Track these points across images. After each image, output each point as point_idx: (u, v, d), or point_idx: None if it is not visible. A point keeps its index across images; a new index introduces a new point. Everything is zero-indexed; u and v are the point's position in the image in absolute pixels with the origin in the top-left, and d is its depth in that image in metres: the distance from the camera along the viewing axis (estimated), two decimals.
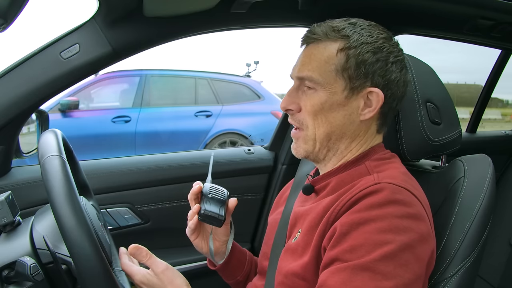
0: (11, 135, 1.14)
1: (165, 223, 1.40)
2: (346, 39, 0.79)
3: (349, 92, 0.79)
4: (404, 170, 0.81)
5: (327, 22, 0.82)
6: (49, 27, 4.32)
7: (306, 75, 0.80)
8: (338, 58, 0.79)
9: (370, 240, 0.67)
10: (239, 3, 1.12)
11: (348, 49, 0.78)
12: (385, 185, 0.72)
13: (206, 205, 0.88)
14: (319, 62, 0.79)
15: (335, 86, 0.79)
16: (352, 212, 0.71)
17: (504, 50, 1.96)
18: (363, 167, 0.81)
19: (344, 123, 0.80)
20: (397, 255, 0.66)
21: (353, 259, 0.66)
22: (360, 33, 0.79)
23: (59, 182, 0.67)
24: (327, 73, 0.79)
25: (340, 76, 0.79)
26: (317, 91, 0.80)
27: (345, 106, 0.79)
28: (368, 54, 0.78)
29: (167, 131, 4.86)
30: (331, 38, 0.80)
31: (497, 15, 1.31)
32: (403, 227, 0.68)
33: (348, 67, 0.78)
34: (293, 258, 0.79)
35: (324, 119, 0.80)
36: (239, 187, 1.48)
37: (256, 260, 1.06)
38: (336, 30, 0.80)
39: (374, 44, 0.79)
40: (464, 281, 0.78)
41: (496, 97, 7.48)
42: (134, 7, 1.06)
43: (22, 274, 0.71)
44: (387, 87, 0.79)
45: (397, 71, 0.80)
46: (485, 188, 0.82)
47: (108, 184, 1.34)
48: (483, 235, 0.80)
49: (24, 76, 1.08)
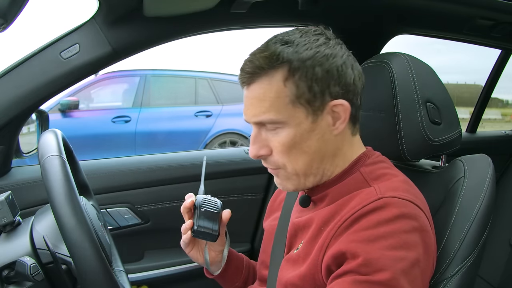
0: (11, 135, 1.14)
1: (165, 223, 1.40)
2: (287, 64, 0.71)
3: (313, 116, 0.73)
4: (403, 177, 0.79)
5: (256, 54, 0.73)
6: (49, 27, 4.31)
7: (264, 118, 0.73)
8: (288, 88, 0.71)
9: (385, 256, 0.65)
10: (239, 3, 1.12)
11: (293, 75, 0.71)
12: (389, 200, 0.70)
13: (199, 220, 0.86)
14: (270, 100, 0.72)
15: (297, 117, 0.73)
16: (359, 229, 0.68)
17: (504, 50, 1.97)
18: (358, 175, 0.78)
19: (320, 146, 0.75)
20: (409, 272, 0.66)
21: (369, 273, 0.64)
22: (298, 51, 0.72)
23: (59, 182, 0.67)
24: (284, 108, 0.72)
25: (298, 105, 0.72)
26: (282, 128, 0.73)
27: (315, 130, 0.74)
28: (315, 70, 0.71)
29: (167, 131, 4.86)
30: (270, 69, 0.72)
31: (497, 15, 1.31)
32: (413, 242, 0.68)
33: (301, 93, 0.72)
34: (293, 268, 0.78)
35: (300, 152, 0.75)
36: (239, 187, 1.48)
37: (253, 264, 1.06)
38: (272, 58, 0.71)
39: (316, 57, 0.72)
40: (464, 281, 0.78)
41: (496, 97, 7.48)
42: (134, 7, 1.06)
43: (22, 274, 0.71)
44: (347, 92, 0.74)
45: (349, 70, 0.75)
46: (485, 188, 0.82)
47: (108, 184, 1.34)
48: (483, 235, 0.80)
49: (24, 76, 1.08)
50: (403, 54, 0.91)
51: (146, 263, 1.40)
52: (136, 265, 1.39)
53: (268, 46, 0.74)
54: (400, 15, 1.38)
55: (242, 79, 0.75)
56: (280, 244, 0.88)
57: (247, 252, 1.51)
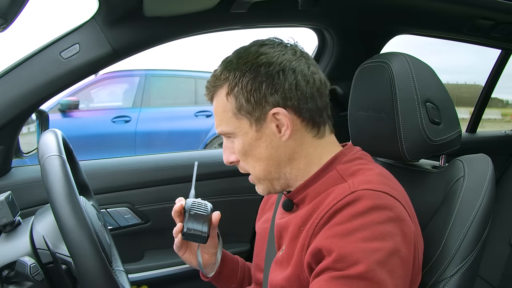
0: (11, 135, 1.14)
1: (165, 223, 1.39)
2: (227, 81, 0.78)
3: (256, 125, 0.78)
4: (379, 170, 0.79)
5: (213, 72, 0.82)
6: (49, 27, 4.31)
7: (220, 131, 0.82)
8: (230, 102, 0.78)
9: (359, 249, 0.65)
10: (239, 3, 1.12)
11: (232, 89, 0.77)
12: (362, 192, 0.70)
13: (188, 223, 0.87)
14: (219, 114, 0.80)
15: (242, 127, 0.79)
16: (334, 224, 0.69)
17: (504, 50, 1.96)
18: (335, 173, 0.79)
19: (271, 153, 0.79)
20: (386, 262, 0.65)
21: (345, 268, 0.65)
22: (237, 67, 0.77)
23: (59, 182, 0.67)
24: (230, 120, 0.79)
25: (241, 116, 0.78)
26: (235, 138, 0.80)
27: (262, 138, 0.78)
28: (248, 83, 0.76)
29: (167, 131, 4.86)
30: (218, 87, 0.80)
31: (497, 15, 1.31)
32: (388, 232, 0.67)
33: (240, 105, 0.77)
34: (280, 270, 0.79)
35: (254, 159, 0.80)
36: (239, 188, 1.47)
37: (249, 266, 1.06)
38: (218, 76, 0.79)
39: (250, 69, 0.76)
40: (464, 281, 0.78)
41: (496, 97, 7.47)
42: (134, 7, 1.06)
43: (22, 274, 0.71)
44: (286, 98, 0.76)
45: (289, 76, 0.76)
46: (485, 188, 0.82)
47: (108, 184, 1.34)
48: (483, 235, 0.80)
49: (24, 76, 1.08)
50: (403, 54, 0.90)
51: (146, 263, 1.40)
52: (136, 265, 1.39)
53: (220, 65, 0.81)
54: (400, 15, 1.38)
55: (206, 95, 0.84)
56: (272, 247, 0.88)
57: (247, 252, 1.51)
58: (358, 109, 0.97)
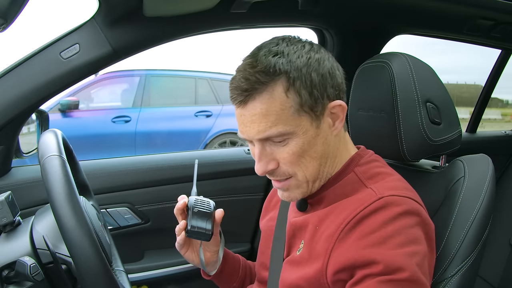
0: (11, 135, 1.14)
1: (165, 223, 1.40)
2: (285, 75, 0.71)
3: (316, 121, 0.74)
4: (398, 176, 0.80)
5: (247, 69, 0.72)
6: (49, 27, 4.31)
7: (272, 133, 0.72)
8: (291, 98, 0.71)
9: (399, 254, 0.66)
10: (239, 3, 1.12)
11: (293, 84, 0.71)
12: (390, 199, 0.71)
13: (192, 220, 0.86)
14: (275, 114, 0.71)
15: (303, 125, 0.73)
16: (366, 233, 0.68)
17: (504, 50, 1.97)
18: (353, 176, 0.79)
19: (325, 149, 0.77)
20: (421, 264, 0.68)
21: (391, 273, 0.65)
22: (291, 60, 0.72)
23: (59, 182, 0.67)
24: (289, 119, 0.72)
25: (303, 113, 0.73)
26: (291, 139, 0.73)
27: (320, 135, 0.75)
28: (312, 76, 0.72)
29: (167, 131, 4.86)
30: (270, 83, 0.71)
31: (497, 15, 1.31)
32: (419, 235, 0.70)
33: (304, 101, 0.72)
34: (297, 270, 0.78)
35: (309, 158, 0.75)
36: (239, 187, 1.48)
37: (250, 265, 1.06)
38: (269, 71, 0.70)
39: (310, 63, 0.73)
40: (464, 281, 0.78)
41: (496, 97, 7.47)
42: (134, 7, 1.06)
43: (22, 274, 0.71)
44: (340, 91, 0.77)
45: (337, 71, 0.77)
46: (485, 188, 0.82)
47: (108, 184, 1.34)
48: (483, 235, 0.80)
49: (24, 76, 1.08)
50: (403, 54, 0.90)
51: (146, 263, 1.40)
52: (136, 265, 1.39)
53: (259, 60, 0.72)
54: (400, 15, 1.38)
55: (238, 98, 0.73)
56: (280, 245, 0.88)
57: (247, 252, 1.51)
58: (358, 109, 0.97)
